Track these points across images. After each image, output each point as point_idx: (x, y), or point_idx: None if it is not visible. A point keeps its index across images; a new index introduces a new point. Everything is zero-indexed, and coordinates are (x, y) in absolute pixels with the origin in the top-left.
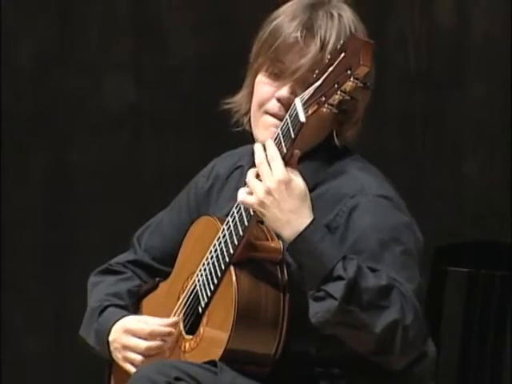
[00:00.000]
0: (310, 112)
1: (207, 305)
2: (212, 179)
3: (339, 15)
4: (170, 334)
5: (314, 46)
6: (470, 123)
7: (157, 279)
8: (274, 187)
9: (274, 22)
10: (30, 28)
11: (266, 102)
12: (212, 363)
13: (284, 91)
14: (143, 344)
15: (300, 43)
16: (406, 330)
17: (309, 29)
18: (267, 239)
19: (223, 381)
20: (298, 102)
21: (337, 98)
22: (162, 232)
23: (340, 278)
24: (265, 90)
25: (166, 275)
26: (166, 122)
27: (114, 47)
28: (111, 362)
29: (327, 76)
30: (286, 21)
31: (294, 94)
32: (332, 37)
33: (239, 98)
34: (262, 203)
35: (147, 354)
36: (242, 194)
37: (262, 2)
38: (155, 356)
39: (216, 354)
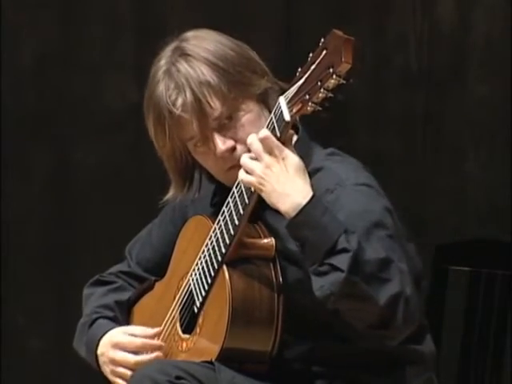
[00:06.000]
0: (294, 110)
1: (202, 304)
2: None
3: (188, 60)
4: (160, 347)
5: (192, 105)
6: (470, 123)
7: (153, 279)
8: (272, 161)
9: (152, 106)
10: (32, 28)
11: (221, 164)
12: (211, 362)
13: (219, 146)
14: (132, 358)
15: (183, 115)
16: (408, 302)
17: (178, 96)
18: (259, 236)
19: (223, 380)
20: (282, 101)
21: (320, 95)
22: (151, 244)
23: (345, 250)
24: (209, 159)
25: (162, 275)
26: None
27: (117, 47)
28: None
29: (310, 74)
30: (160, 100)
31: (230, 137)
32: (196, 85)
33: (175, 188)
34: (261, 179)
35: (136, 368)
36: (242, 174)
37: (264, 4)
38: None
39: (213, 353)
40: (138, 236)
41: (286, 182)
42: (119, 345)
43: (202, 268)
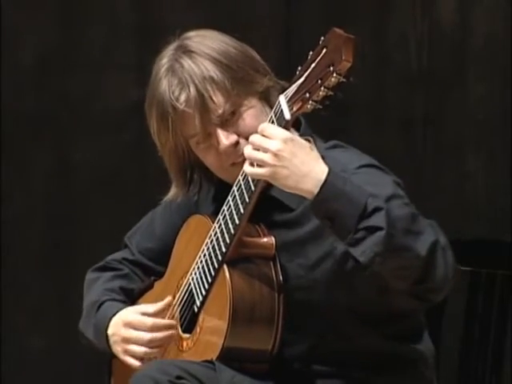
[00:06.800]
0: (294, 109)
1: (202, 304)
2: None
3: (191, 56)
4: (171, 325)
5: (196, 101)
6: (470, 122)
7: (152, 278)
8: (281, 147)
9: (155, 103)
10: (32, 28)
11: (223, 160)
12: (211, 362)
13: (223, 141)
14: (146, 336)
15: (187, 110)
16: (445, 250)
17: (181, 91)
18: (259, 235)
19: (223, 379)
20: (282, 100)
21: (320, 94)
22: (153, 232)
23: (377, 209)
24: (211, 155)
25: (161, 274)
26: None
27: (117, 47)
28: (110, 361)
29: (310, 72)
30: (164, 96)
31: (232, 132)
32: (199, 80)
33: (176, 188)
34: (274, 167)
35: (150, 346)
36: (249, 168)
37: (264, 4)
38: (157, 348)
39: (213, 352)
40: (138, 224)
41: (300, 163)
42: (131, 324)
43: (203, 267)
